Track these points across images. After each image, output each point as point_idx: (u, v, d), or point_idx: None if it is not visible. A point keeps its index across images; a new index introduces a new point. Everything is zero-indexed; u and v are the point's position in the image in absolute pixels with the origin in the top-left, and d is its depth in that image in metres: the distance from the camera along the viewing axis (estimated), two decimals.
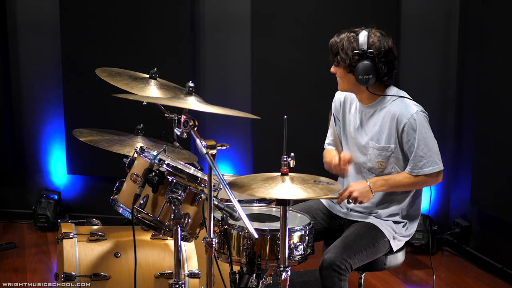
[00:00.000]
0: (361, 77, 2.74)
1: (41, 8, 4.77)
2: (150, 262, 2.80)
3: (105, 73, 2.92)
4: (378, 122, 2.84)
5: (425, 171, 2.79)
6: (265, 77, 4.58)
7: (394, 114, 2.80)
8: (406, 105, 2.81)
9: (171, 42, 4.58)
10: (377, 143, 2.84)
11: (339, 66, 2.82)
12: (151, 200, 2.47)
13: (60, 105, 4.79)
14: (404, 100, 2.83)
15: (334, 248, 2.69)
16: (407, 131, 2.77)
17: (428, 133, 2.79)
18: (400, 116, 2.78)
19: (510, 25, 3.84)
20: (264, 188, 2.26)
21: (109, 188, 2.69)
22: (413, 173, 2.80)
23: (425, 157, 2.78)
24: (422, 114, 2.80)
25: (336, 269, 2.61)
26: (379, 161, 2.85)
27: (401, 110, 2.79)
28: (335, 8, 4.41)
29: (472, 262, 4.34)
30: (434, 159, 2.79)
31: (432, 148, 2.79)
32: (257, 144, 4.65)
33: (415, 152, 2.78)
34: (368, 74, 2.73)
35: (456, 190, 4.54)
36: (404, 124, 2.77)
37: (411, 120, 2.76)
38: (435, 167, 2.80)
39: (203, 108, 2.34)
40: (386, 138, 2.82)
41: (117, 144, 2.97)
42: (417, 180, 2.82)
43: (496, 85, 4.00)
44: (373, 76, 2.74)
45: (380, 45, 2.76)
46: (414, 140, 2.77)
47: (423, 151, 2.77)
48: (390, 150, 2.83)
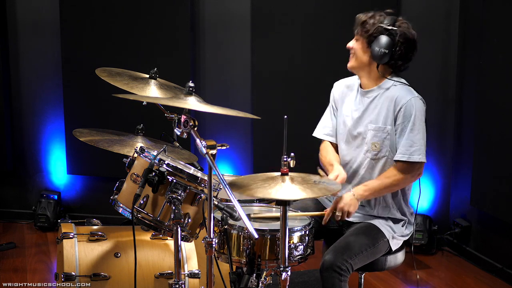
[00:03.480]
0: (378, 49, 2.77)
1: (41, 8, 4.77)
2: (150, 262, 2.80)
3: (105, 73, 2.92)
4: (378, 105, 2.86)
5: (415, 158, 2.78)
6: (265, 77, 4.58)
7: (393, 96, 2.82)
8: (406, 89, 2.84)
9: (171, 42, 4.58)
10: (374, 124, 2.85)
11: (360, 38, 2.83)
12: (151, 200, 2.47)
13: (60, 105, 4.79)
14: (405, 86, 2.86)
15: (334, 249, 2.69)
16: (403, 112, 2.78)
17: (423, 122, 2.80)
18: (399, 98, 2.80)
19: (510, 25, 3.84)
20: (264, 189, 2.26)
21: (109, 188, 2.69)
22: (403, 158, 2.77)
23: (417, 144, 2.78)
24: (420, 101, 2.82)
25: (337, 270, 2.61)
26: (374, 143, 2.84)
27: (400, 93, 2.82)
28: (335, 8, 4.41)
29: (472, 262, 4.34)
30: (423, 149, 2.80)
31: (424, 137, 2.80)
32: (257, 144, 4.65)
33: (407, 136, 2.77)
34: (385, 48, 2.77)
35: (456, 190, 4.54)
36: (401, 105, 2.79)
37: (409, 103, 2.78)
38: (423, 157, 2.79)
39: (203, 108, 2.34)
40: (383, 118, 2.83)
41: (117, 144, 2.97)
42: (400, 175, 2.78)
43: (496, 85, 3.99)
44: (388, 53, 2.77)
45: (405, 31, 2.81)
46: (408, 123, 2.78)
47: (416, 137, 2.77)
48: (386, 131, 2.82)
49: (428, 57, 4.50)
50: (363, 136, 2.88)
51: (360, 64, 2.87)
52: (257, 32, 4.55)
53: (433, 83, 4.53)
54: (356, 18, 2.88)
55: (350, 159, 2.95)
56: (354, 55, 2.88)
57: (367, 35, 2.81)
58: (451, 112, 4.51)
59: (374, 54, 2.79)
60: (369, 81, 2.90)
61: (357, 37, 2.86)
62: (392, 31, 2.78)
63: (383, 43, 2.78)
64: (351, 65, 2.90)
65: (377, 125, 2.84)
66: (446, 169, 4.52)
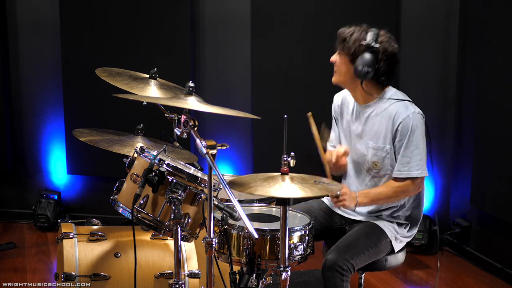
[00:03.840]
0: (360, 68, 2.73)
1: (41, 8, 4.77)
2: (150, 262, 2.80)
3: (105, 73, 2.92)
4: (376, 123, 2.84)
5: (413, 174, 2.77)
6: (265, 77, 4.58)
7: (391, 114, 2.79)
8: (404, 105, 2.81)
9: (171, 42, 4.58)
10: (374, 143, 2.84)
11: (342, 54, 2.81)
12: (151, 200, 2.47)
13: (60, 105, 4.79)
14: (403, 102, 2.82)
15: (336, 249, 2.69)
16: (401, 130, 2.76)
17: (421, 136, 2.78)
18: (397, 115, 2.78)
19: (510, 25, 3.84)
20: (263, 187, 2.26)
21: (109, 188, 2.69)
22: (401, 175, 2.78)
23: (414, 159, 2.76)
24: (419, 116, 2.79)
25: (338, 269, 2.62)
26: (374, 162, 2.85)
27: (398, 110, 2.79)
28: (335, 8, 4.41)
29: (472, 262, 4.34)
30: (423, 164, 2.78)
31: (423, 152, 2.78)
32: (257, 144, 4.65)
33: (404, 152, 2.76)
34: (368, 67, 2.73)
35: (456, 190, 4.54)
36: (399, 123, 2.76)
37: (407, 119, 2.76)
38: (423, 172, 2.79)
39: (203, 108, 2.34)
40: (383, 138, 2.82)
41: (117, 144, 2.97)
42: (400, 188, 2.79)
43: (496, 85, 3.99)
44: (371, 71, 2.74)
45: (387, 45, 2.78)
46: (405, 139, 2.76)
47: (413, 153, 2.76)
48: (386, 150, 2.82)
49: (428, 57, 4.50)
50: (364, 153, 2.88)
51: (344, 79, 2.85)
52: (257, 32, 4.55)
53: (433, 83, 4.53)
54: (338, 34, 2.84)
55: (353, 174, 2.96)
56: (338, 70, 2.85)
57: (349, 52, 2.78)
58: (451, 112, 4.51)
59: (357, 72, 2.76)
60: (359, 96, 2.88)
61: (340, 52, 2.83)
62: (374, 49, 2.74)
63: (365, 61, 2.73)
64: (334, 80, 2.88)
65: (377, 144, 2.83)
66: (446, 169, 4.52)
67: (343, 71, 2.83)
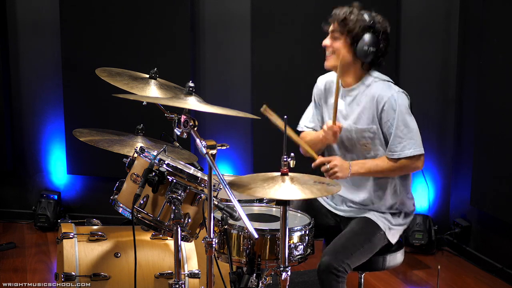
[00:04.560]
0: (366, 48, 2.72)
1: (41, 8, 4.77)
2: (150, 262, 2.80)
3: (105, 73, 2.92)
4: (360, 104, 2.82)
5: (406, 153, 2.74)
6: (265, 77, 4.58)
7: (374, 95, 2.78)
8: (387, 86, 2.80)
9: (171, 42, 4.58)
10: (359, 126, 2.82)
11: (340, 37, 2.78)
12: (151, 200, 2.47)
13: (60, 105, 4.79)
14: (386, 82, 2.81)
15: (330, 251, 2.68)
16: (386, 110, 2.75)
17: (407, 115, 2.75)
18: (380, 96, 2.76)
19: (510, 25, 3.84)
20: (263, 188, 2.26)
21: (109, 188, 2.69)
22: (393, 156, 2.75)
23: (405, 138, 2.74)
24: (402, 95, 2.78)
25: (333, 272, 2.61)
26: (364, 143, 2.83)
27: (381, 91, 2.77)
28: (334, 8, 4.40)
29: (472, 262, 4.34)
30: (416, 141, 2.75)
31: (413, 129, 2.75)
32: (257, 144, 4.65)
33: (394, 132, 2.74)
34: (373, 47, 2.72)
35: (456, 190, 4.54)
36: (384, 103, 2.75)
37: (391, 99, 2.74)
38: (417, 150, 2.75)
39: (203, 108, 2.34)
40: (367, 119, 2.80)
41: (117, 144, 2.97)
42: (397, 164, 2.77)
43: (496, 85, 3.99)
44: (375, 51, 2.73)
45: (385, 25, 2.79)
46: (393, 120, 2.74)
47: (402, 132, 2.74)
48: (373, 131, 2.80)
49: (428, 57, 4.50)
50: (351, 136, 2.87)
51: (343, 63, 2.80)
52: (257, 32, 4.55)
53: (433, 83, 4.53)
54: (334, 15, 2.81)
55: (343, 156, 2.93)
56: (335, 53, 2.81)
57: (351, 33, 2.75)
58: (451, 112, 4.51)
59: (360, 53, 2.74)
60: (351, 79, 2.86)
61: (336, 35, 2.79)
62: (376, 28, 2.75)
63: (370, 41, 2.73)
64: (332, 64, 2.83)
65: (362, 127, 2.82)
66: (446, 169, 4.51)
67: (343, 53, 2.79)
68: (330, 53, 2.83)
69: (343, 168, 2.76)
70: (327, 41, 2.84)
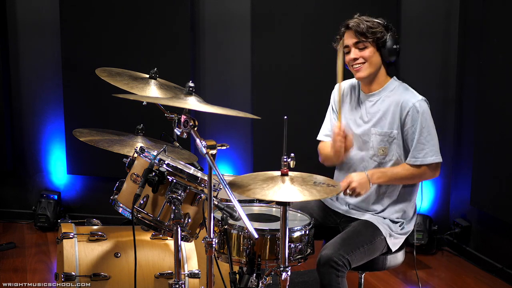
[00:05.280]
0: (395, 47, 2.82)
1: (41, 8, 4.77)
2: (150, 262, 2.80)
3: (105, 73, 2.92)
4: (381, 109, 2.86)
5: (428, 160, 2.78)
6: (265, 77, 4.58)
7: (399, 101, 2.83)
8: (411, 92, 2.86)
9: (171, 42, 4.58)
10: (380, 129, 2.85)
11: (367, 45, 2.83)
12: (151, 200, 2.47)
13: (60, 105, 4.79)
14: (408, 89, 2.88)
15: (331, 245, 2.69)
16: (411, 115, 2.79)
17: (431, 122, 2.81)
18: (405, 102, 2.81)
19: (510, 25, 3.84)
20: (262, 189, 2.26)
21: (109, 188, 2.69)
22: (416, 162, 2.78)
23: (428, 145, 2.78)
24: (426, 103, 2.83)
25: (333, 265, 2.61)
26: (381, 148, 2.85)
27: (406, 97, 2.83)
28: (335, 8, 4.41)
29: (472, 262, 4.34)
30: (436, 149, 2.80)
31: (435, 137, 2.81)
32: (257, 144, 4.65)
33: (417, 139, 2.78)
34: (397, 44, 2.84)
35: (456, 190, 4.54)
36: (409, 109, 2.79)
37: (416, 105, 2.79)
38: (438, 157, 2.80)
39: (203, 108, 2.34)
40: (389, 123, 2.83)
41: (117, 144, 2.97)
42: (417, 172, 2.81)
43: (496, 85, 3.99)
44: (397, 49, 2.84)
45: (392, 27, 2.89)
46: (417, 125, 2.78)
47: (426, 138, 2.78)
48: (393, 135, 2.83)
49: (428, 57, 4.50)
50: (367, 140, 2.89)
51: (375, 69, 2.87)
52: (257, 32, 4.55)
53: (433, 83, 4.53)
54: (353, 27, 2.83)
55: (355, 162, 2.94)
56: (366, 62, 2.84)
57: (377, 39, 2.81)
58: (451, 112, 4.51)
59: (391, 53, 2.83)
60: (376, 85, 2.90)
61: (362, 46, 2.82)
62: (391, 28, 2.85)
63: (394, 40, 2.83)
64: (366, 73, 2.85)
65: (383, 130, 2.84)
66: (446, 169, 4.51)
67: (375, 61, 2.85)
68: (360, 63, 2.85)
69: (362, 184, 2.78)
70: (355, 53, 2.85)
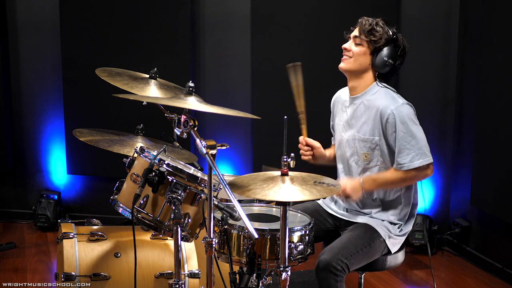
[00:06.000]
0: (385, 59, 2.79)
1: (41, 8, 4.77)
2: (150, 262, 2.80)
3: (105, 73, 2.92)
4: (363, 115, 2.85)
5: (415, 164, 2.75)
6: (265, 77, 4.58)
7: (378, 107, 2.79)
8: (391, 97, 2.82)
9: (171, 42, 4.58)
10: (361, 135, 2.84)
11: (363, 44, 2.82)
12: (151, 200, 2.47)
13: (60, 105, 4.79)
14: (389, 93, 2.84)
15: (330, 249, 2.68)
16: (391, 122, 2.76)
17: (414, 125, 2.76)
18: (384, 108, 2.77)
19: (510, 25, 3.84)
20: (263, 190, 2.26)
21: (109, 188, 2.69)
22: (403, 168, 2.76)
23: (413, 149, 2.75)
24: (407, 106, 2.79)
25: (332, 270, 2.60)
26: (364, 153, 2.85)
27: (385, 103, 2.79)
28: (335, 8, 4.41)
29: (472, 262, 4.34)
30: (423, 151, 2.76)
31: (420, 140, 2.76)
32: (257, 144, 4.65)
33: (401, 145, 2.75)
34: (392, 60, 2.80)
35: (456, 190, 4.54)
36: (387, 115, 2.76)
37: (394, 112, 2.75)
38: (425, 159, 2.77)
39: (203, 108, 2.34)
40: (370, 130, 2.82)
41: (117, 144, 2.97)
42: (406, 176, 2.79)
43: (496, 85, 3.99)
44: (392, 64, 2.81)
45: (405, 43, 2.87)
46: (399, 132, 2.75)
47: (410, 143, 2.75)
48: (375, 142, 2.82)
49: (428, 57, 4.50)
50: (352, 145, 2.89)
51: (358, 68, 2.85)
52: (257, 32, 4.55)
53: (433, 83, 4.53)
54: (360, 23, 2.85)
55: (343, 166, 2.97)
56: (352, 58, 2.85)
57: (375, 44, 2.80)
58: (451, 112, 4.51)
59: (378, 63, 2.80)
60: (359, 85, 2.88)
61: (359, 41, 2.83)
62: (398, 43, 2.82)
63: (390, 54, 2.80)
64: (347, 67, 2.87)
65: (365, 136, 2.84)
66: (446, 169, 4.51)
67: (360, 60, 2.84)
68: (348, 56, 2.87)
69: (354, 189, 2.80)
70: (349, 44, 2.88)
